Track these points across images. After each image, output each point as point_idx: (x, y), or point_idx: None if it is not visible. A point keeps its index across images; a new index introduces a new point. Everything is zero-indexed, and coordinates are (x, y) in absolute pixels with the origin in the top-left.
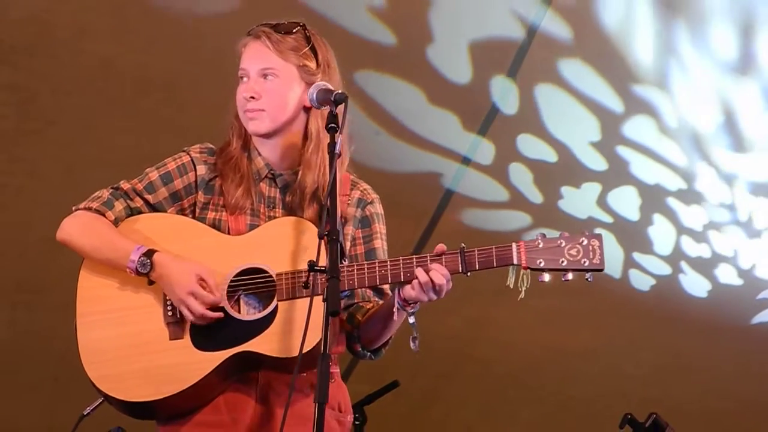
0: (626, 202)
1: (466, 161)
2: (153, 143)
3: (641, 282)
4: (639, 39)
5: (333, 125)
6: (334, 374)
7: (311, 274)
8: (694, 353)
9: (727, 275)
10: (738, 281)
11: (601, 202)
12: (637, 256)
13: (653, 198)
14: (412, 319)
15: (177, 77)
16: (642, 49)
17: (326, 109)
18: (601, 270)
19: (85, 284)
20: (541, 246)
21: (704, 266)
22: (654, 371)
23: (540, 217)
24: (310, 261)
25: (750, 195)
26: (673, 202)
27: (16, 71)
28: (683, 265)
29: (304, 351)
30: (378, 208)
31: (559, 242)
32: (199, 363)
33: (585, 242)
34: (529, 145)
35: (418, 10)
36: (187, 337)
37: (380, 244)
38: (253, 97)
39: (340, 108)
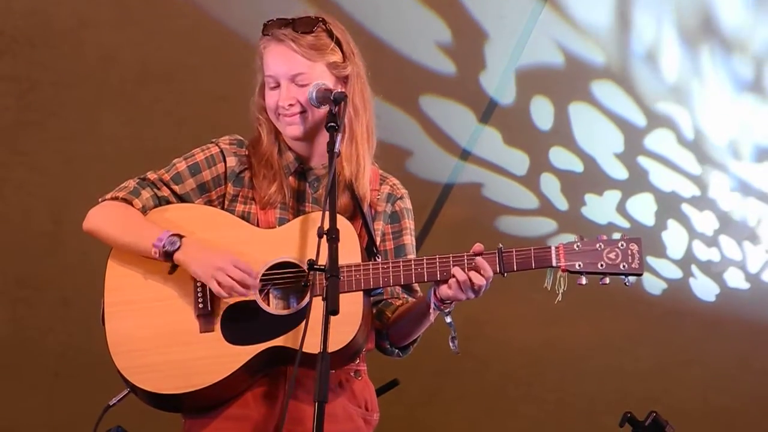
0: (643, 208)
1: (465, 154)
2: (153, 135)
3: (654, 286)
4: (664, 63)
5: (332, 124)
6: (361, 371)
7: (311, 272)
8: (695, 350)
9: (735, 279)
10: (745, 285)
11: (621, 209)
12: (651, 260)
13: (668, 204)
14: (449, 319)
15: (177, 69)
16: (667, 71)
17: (359, 91)
18: (640, 275)
19: (113, 273)
20: (579, 249)
21: (713, 269)
22: (654, 368)
23: (564, 223)
24: (309, 260)
25: (759, 202)
26: (686, 208)
27: (17, 62)
28: (694, 268)
29: (337, 348)
30: (407, 203)
31: (597, 245)
32: (230, 356)
33: (624, 246)
34: (560, 156)
35: (476, 44)
36: (218, 330)
37: (409, 240)
38: (291, 104)
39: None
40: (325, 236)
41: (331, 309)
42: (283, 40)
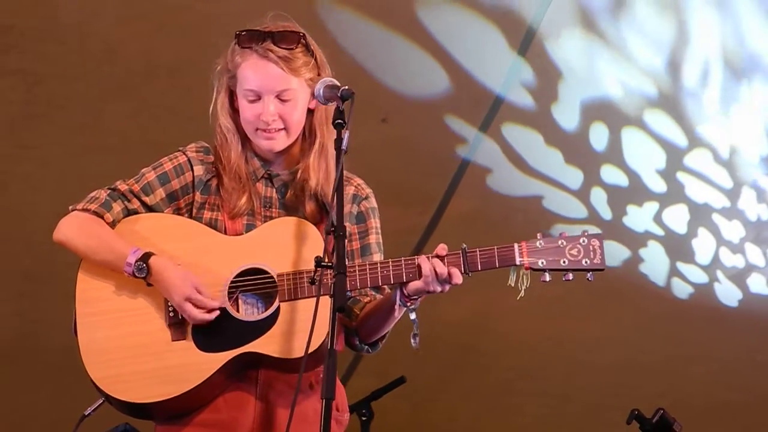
0: (678, 218)
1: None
2: (159, 129)
3: (682, 290)
4: (708, 93)
5: (340, 121)
6: None
7: (318, 269)
8: (701, 345)
9: (757, 284)
10: (767, 290)
11: (657, 219)
12: (680, 265)
13: (701, 214)
14: (413, 316)
15: (183, 62)
16: (709, 100)
17: (331, 106)
18: (602, 270)
19: (83, 285)
20: (542, 246)
21: (737, 274)
22: (661, 363)
23: (607, 230)
24: (316, 257)
25: None
26: (717, 217)
27: (24, 56)
28: (719, 273)
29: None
30: (372, 203)
31: (559, 242)
32: (203, 364)
33: (585, 242)
34: (610, 173)
35: (553, 81)
36: (190, 339)
37: (375, 239)
38: (274, 120)
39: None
40: (332, 233)
41: (339, 306)
42: (266, 56)
